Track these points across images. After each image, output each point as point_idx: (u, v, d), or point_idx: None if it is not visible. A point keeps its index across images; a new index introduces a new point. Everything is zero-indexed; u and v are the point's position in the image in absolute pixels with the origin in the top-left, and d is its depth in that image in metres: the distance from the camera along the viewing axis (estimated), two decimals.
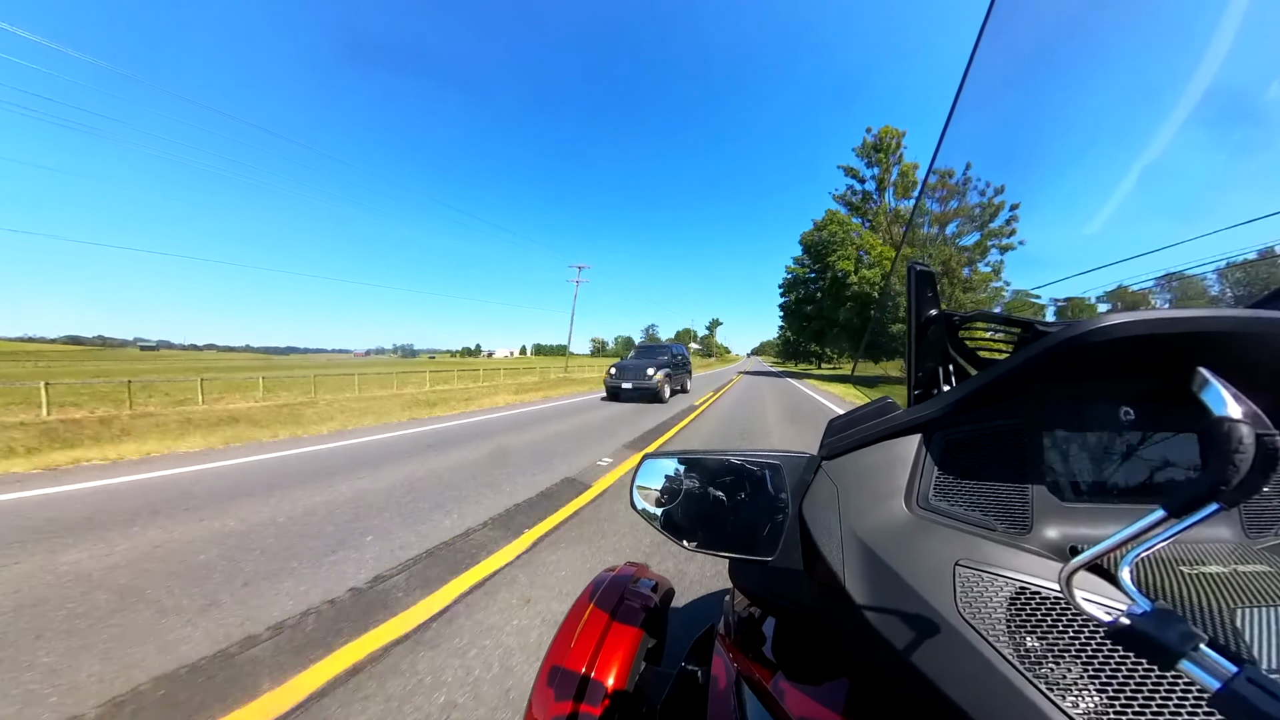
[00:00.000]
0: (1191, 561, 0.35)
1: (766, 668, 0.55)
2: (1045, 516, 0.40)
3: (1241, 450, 0.18)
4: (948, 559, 0.36)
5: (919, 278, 0.58)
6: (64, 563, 2.62)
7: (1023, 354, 0.36)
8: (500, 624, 2.07)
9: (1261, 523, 0.41)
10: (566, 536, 3.09)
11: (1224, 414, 0.19)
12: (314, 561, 2.65)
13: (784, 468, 0.60)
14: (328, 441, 6.38)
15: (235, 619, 2.08)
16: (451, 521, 3.31)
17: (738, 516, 0.60)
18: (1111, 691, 0.28)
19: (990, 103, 0.48)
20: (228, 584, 2.39)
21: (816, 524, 0.49)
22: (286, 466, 4.92)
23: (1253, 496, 0.19)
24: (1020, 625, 0.32)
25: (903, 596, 0.36)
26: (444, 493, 3.98)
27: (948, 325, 0.56)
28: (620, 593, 0.83)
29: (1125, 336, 0.30)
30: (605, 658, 0.69)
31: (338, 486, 4.13)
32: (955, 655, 0.32)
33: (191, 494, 3.91)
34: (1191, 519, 0.20)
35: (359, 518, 3.36)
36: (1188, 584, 0.32)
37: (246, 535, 3.03)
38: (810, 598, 0.51)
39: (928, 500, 0.43)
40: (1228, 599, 0.31)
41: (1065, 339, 0.32)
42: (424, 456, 5.43)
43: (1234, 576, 0.33)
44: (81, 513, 3.43)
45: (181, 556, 2.72)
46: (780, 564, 0.55)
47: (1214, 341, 0.31)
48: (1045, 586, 0.33)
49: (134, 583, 2.40)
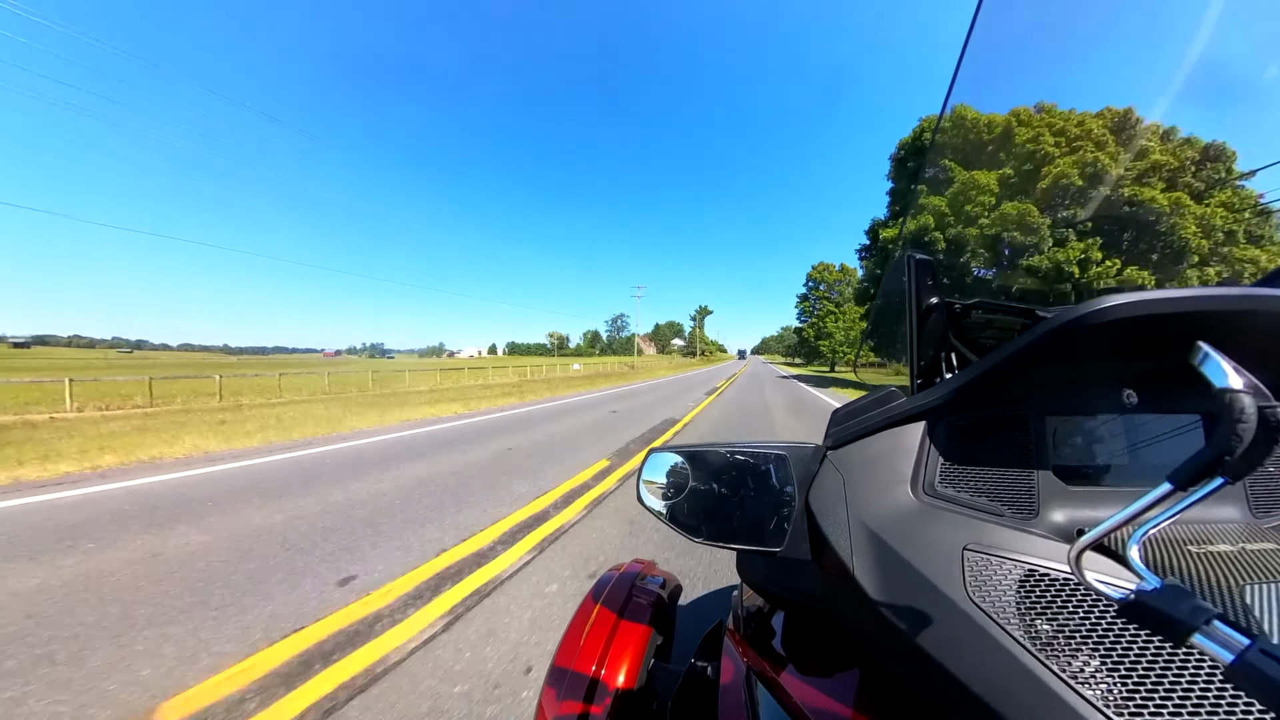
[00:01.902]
0: (1200, 541, 0.35)
1: (777, 662, 0.55)
2: (1051, 500, 0.40)
3: (1244, 420, 0.18)
4: (956, 544, 0.36)
5: (918, 266, 0.58)
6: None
7: (1024, 338, 0.36)
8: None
9: (1269, 502, 0.41)
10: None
11: (1225, 386, 0.19)
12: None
13: (790, 459, 0.60)
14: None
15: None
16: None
17: (744, 509, 0.60)
18: (1124, 669, 0.28)
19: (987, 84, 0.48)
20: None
21: (824, 514, 0.49)
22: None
23: (1256, 468, 0.19)
24: (1030, 607, 0.32)
25: (912, 583, 0.36)
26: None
27: (948, 313, 0.56)
28: (628, 590, 0.83)
29: (1125, 318, 0.30)
30: (614, 656, 0.69)
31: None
32: (966, 640, 0.32)
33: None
34: (1198, 493, 0.20)
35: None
36: (1196, 562, 0.33)
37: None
38: (819, 588, 0.51)
39: (934, 487, 0.43)
40: (1236, 576, 0.31)
41: (1065, 321, 0.32)
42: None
43: (1242, 554, 0.33)
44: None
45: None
46: (788, 555, 0.55)
47: (1214, 320, 0.31)
48: (1054, 568, 0.33)
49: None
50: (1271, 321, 0.31)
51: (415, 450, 5.82)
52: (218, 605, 2.19)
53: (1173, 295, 0.30)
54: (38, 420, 8.06)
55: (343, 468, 4.89)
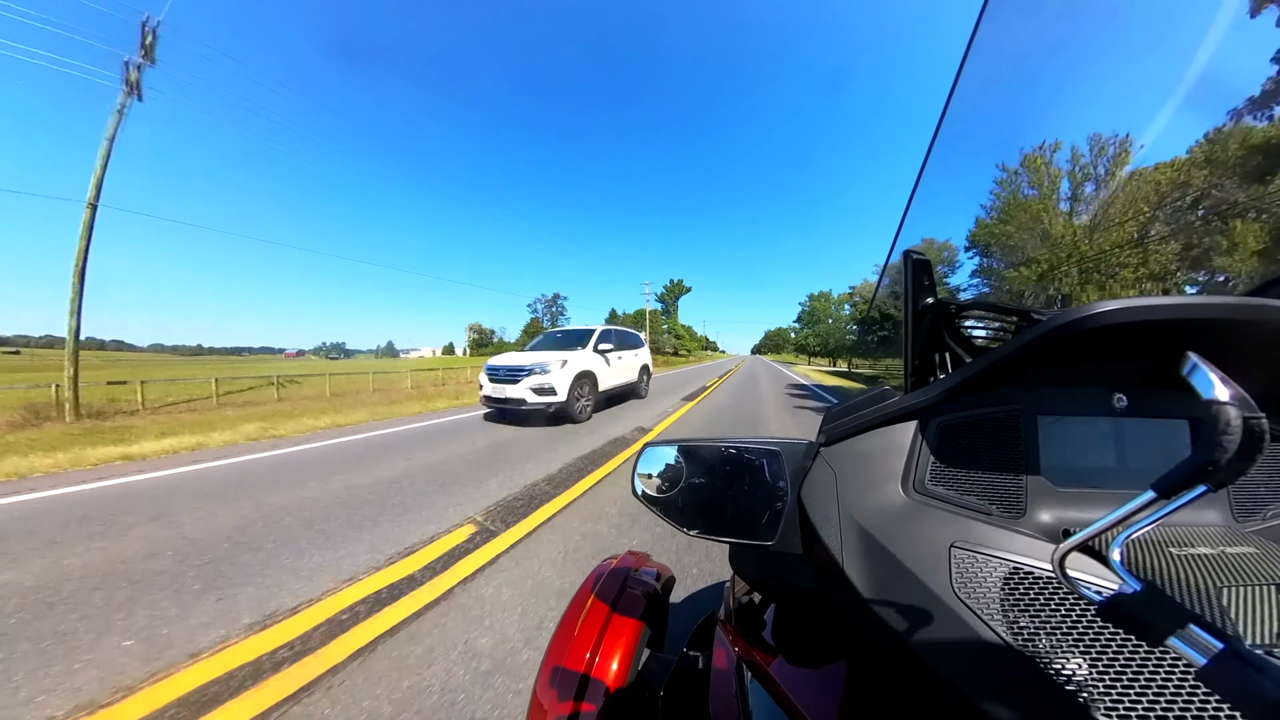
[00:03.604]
0: (1181, 544, 0.36)
1: (767, 652, 0.56)
2: (1039, 501, 0.41)
3: (1229, 432, 0.19)
4: (944, 542, 0.37)
5: (915, 266, 0.58)
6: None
7: (1017, 340, 0.36)
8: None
9: (1250, 507, 0.42)
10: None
11: (1212, 397, 0.20)
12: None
13: (783, 454, 0.60)
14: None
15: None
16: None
17: (738, 503, 0.61)
18: (1103, 667, 0.29)
19: (985, 93, 0.48)
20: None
21: (815, 509, 0.49)
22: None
23: (1239, 479, 0.19)
24: (1014, 605, 0.32)
25: (900, 578, 0.37)
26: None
27: (944, 313, 0.56)
28: (621, 582, 0.84)
29: (1118, 323, 0.31)
30: (607, 649, 0.69)
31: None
32: (951, 634, 0.32)
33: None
34: (1180, 500, 0.21)
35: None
36: (1177, 565, 0.33)
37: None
38: (809, 581, 0.52)
39: (924, 485, 0.43)
40: (1215, 579, 0.32)
41: (1059, 325, 0.33)
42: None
43: (1222, 558, 0.34)
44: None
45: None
46: (780, 549, 0.55)
47: (1206, 328, 0.32)
48: (1038, 567, 0.34)
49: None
50: (1262, 331, 0.32)
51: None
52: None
53: (1166, 303, 0.31)
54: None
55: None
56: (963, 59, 0.44)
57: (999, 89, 0.54)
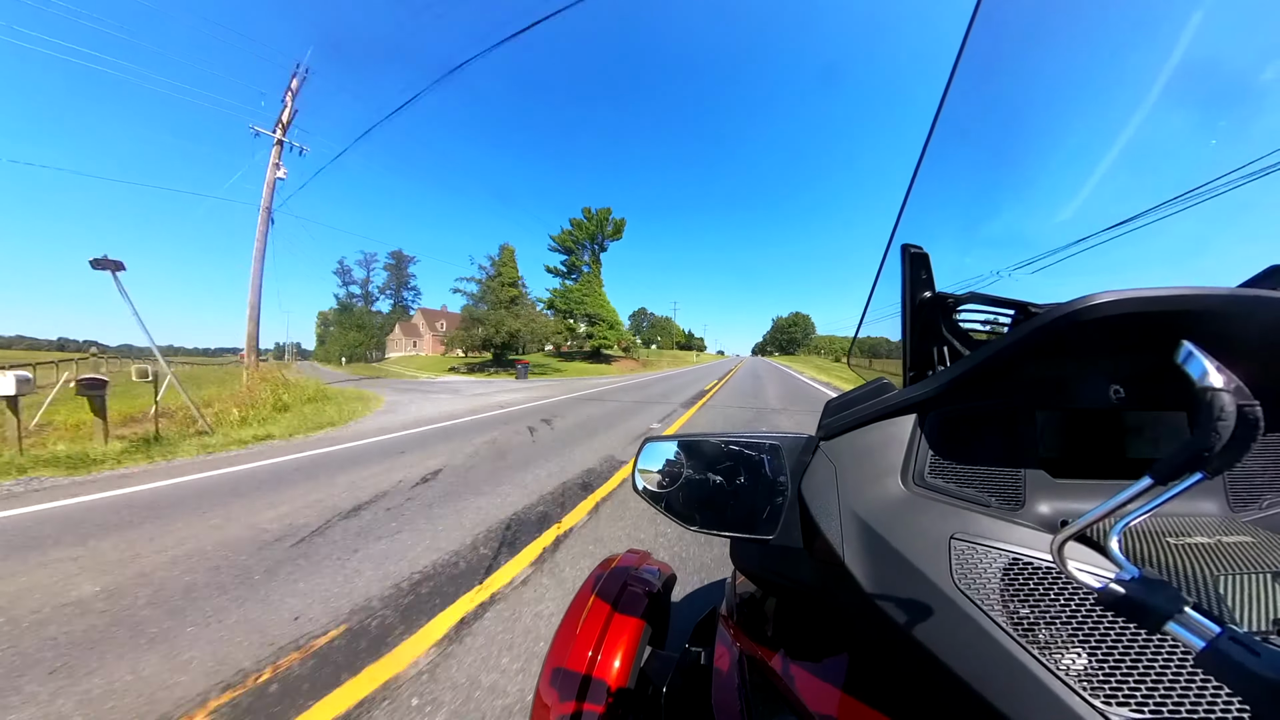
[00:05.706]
0: (1178, 533, 0.36)
1: (768, 647, 0.56)
2: (1037, 492, 0.41)
3: (1224, 419, 0.19)
4: (943, 533, 0.37)
5: (912, 259, 0.58)
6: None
7: (1014, 333, 0.36)
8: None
9: (1246, 497, 0.42)
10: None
11: (1207, 384, 0.20)
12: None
13: (783, 449, 0.61)
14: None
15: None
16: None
17: (738, 497, 0.61)
18: (1102, 654, 0.29)
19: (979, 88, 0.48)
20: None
21: (815, 503, 0.50)
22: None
23: (1234, 465, 0.19)
24: (1013, 595, 0.33)
25: (900, 570, 0.37)
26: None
27: (942, 307, 0.56)
28: (622, 582, 0.85)
29: (1115, 314, 0.31)
30: (609, 648, 0.70)
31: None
32: (951, 624, 0.33)
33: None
34: (1177, 487, 0.21)
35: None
36: (1174, 554, 0.34)
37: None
38: (810, 575, 0.52)
39: (923, 478, 0.44)
40: (1212, 567, 0.32)
41: (1056, 317, 0.33)
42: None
43: (1218, 547, 0.34)
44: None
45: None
46: (781, 543, 0.56)
47: (1201, 318, 0.32)
48: (1037, 557, 0.34)
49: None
50: (1256, 321, 0.32)
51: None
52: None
53: (1161, 294, 0.31)
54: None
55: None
56: (958, 53, 0.44)
57: (994, 83, 0.54)
